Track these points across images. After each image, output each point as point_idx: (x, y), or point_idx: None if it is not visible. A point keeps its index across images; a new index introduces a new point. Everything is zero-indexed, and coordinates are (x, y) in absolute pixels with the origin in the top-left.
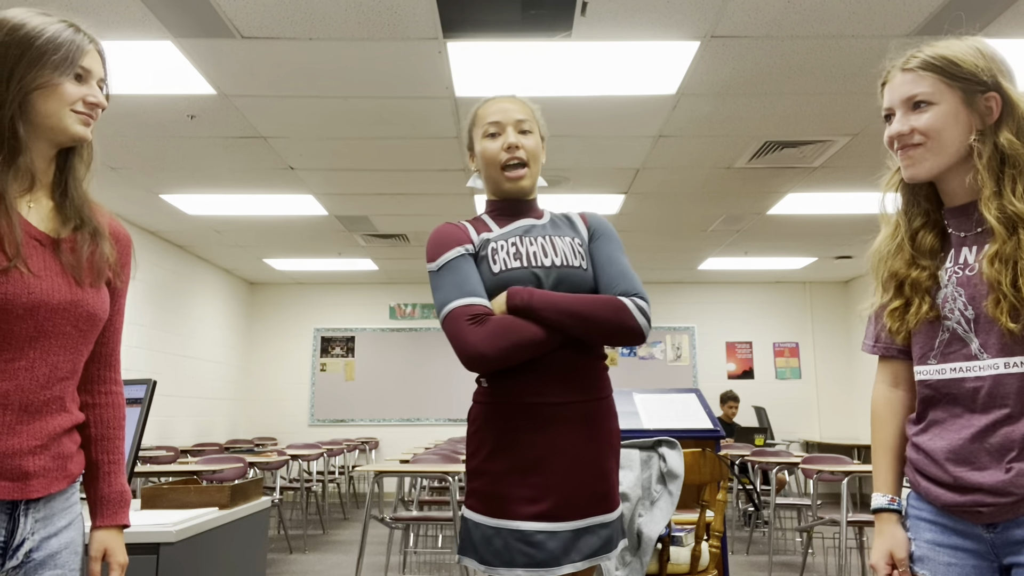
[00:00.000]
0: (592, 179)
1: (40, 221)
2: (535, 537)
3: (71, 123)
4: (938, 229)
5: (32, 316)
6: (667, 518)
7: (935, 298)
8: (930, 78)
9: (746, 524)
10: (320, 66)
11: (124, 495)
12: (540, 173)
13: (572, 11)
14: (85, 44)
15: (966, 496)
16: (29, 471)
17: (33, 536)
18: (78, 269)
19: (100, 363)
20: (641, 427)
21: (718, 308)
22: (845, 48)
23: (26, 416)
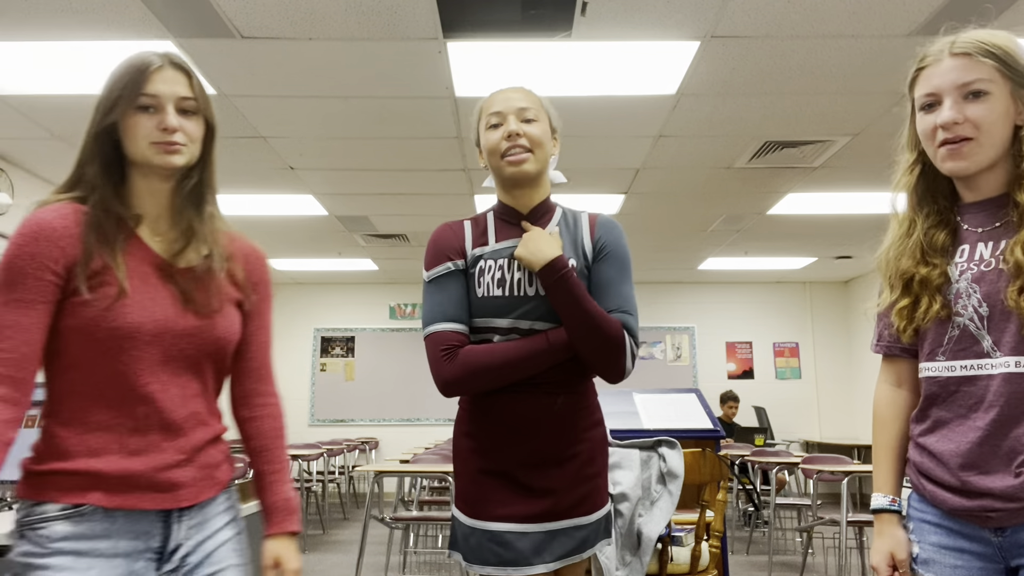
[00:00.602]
0: (592, 179)
1: (163, 249)
2: (504, 537)
3: (151, 156)
4: (950, 226)
5: (158, 342)
6: (667, 518)
7: (946, 295)
8: (988, 66)
9: (746, 524)
10: (320, 66)
11: (289, 503)
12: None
13: (572, 11)
14: (148, 68)
15: (975, 501)
16: (178, 482)
17: (188, 541)
18: (200, 295)
19: (252, 378)
20: (641, 427)
21: (718, 308)
22: (845, 48)
23: (168, 434)
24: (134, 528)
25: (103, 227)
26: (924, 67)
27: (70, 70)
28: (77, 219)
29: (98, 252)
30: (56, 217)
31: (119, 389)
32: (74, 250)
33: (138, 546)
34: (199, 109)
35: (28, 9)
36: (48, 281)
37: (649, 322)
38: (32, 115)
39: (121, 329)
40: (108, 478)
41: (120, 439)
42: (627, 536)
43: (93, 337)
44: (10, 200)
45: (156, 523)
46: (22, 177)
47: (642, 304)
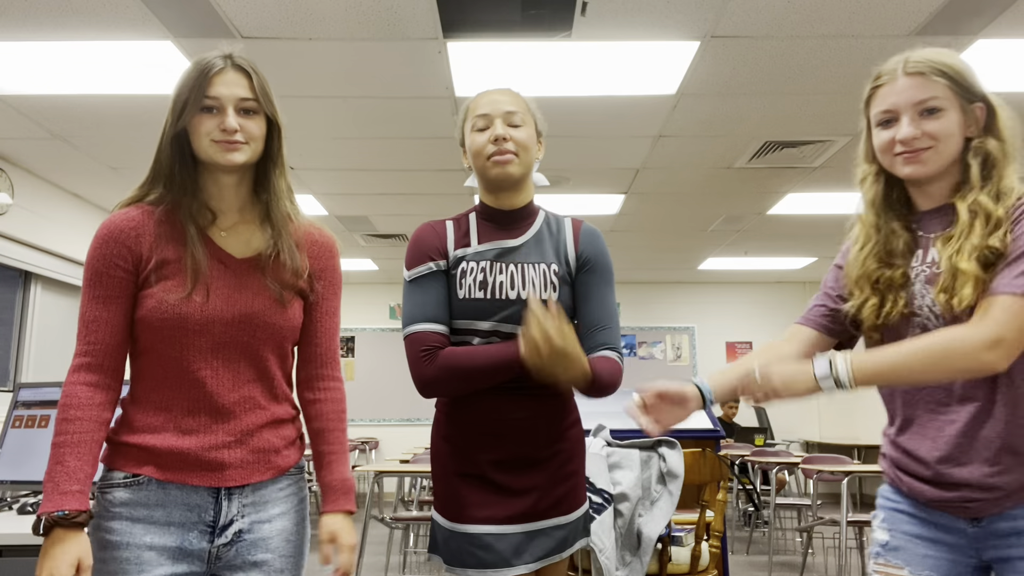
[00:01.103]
0: (592, 179)
1: (227, 242)
2: (484, 539)
3: (214, 154)
4: (909, 231)
5: (207, 331)
6: (667, 518)
7: (908, 294)
8: (941, 84)
9: (746, 524)
10: (320, 66)
11: (346, 483)
12: (540, 170)
13: (572, 11)
14: (210, 72)
15: (952, 492)
16: (225, 462)
17: (243, 519)
18: (259, 285)
19: (317, 362)
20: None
21: (718, 308)
22: (845, 48)
23: (218, 416)
24: (187, 501)
25: (166, 225)
26: (880, 85)
27: (70, 70)
28: (143, 219)
29: (159, 248)
30: (124, 219)
31: (176, 373)
32: (139, 248)
33: (191, 518)
34: (260, 108)
35: (28, 9)
36: (120, 278)
37: (649, 322)
38: (32, 115)
39: (172, 320)
40: (161, 453)
41: (175, 419)
42: (627, 536)
43: (152, 327)
44: (10, 200)
45: (208, 498)
46: (22, 177)
47: (642, 304)
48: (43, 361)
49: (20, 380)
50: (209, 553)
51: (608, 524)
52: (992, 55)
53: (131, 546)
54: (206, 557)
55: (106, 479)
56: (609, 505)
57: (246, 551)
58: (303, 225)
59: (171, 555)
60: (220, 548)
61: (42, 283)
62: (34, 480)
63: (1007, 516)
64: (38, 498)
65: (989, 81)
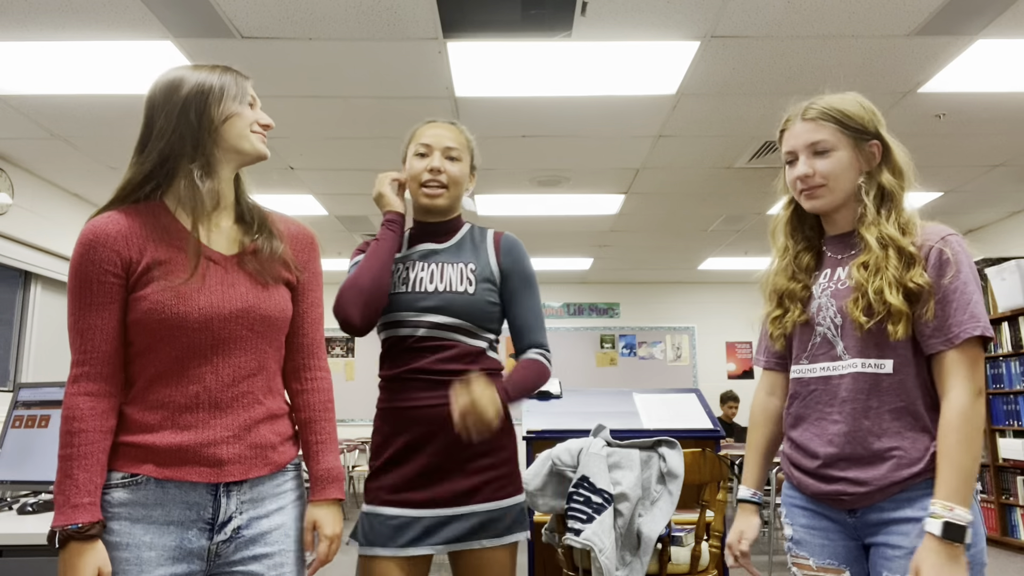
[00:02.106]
0: (592, 179)
1: (215, 239)
2: (393, 521)
3: (255, 141)
4: (815, 252)
5: (207, 328)
6: (667, 518)
7: (807, 306)
8: (829, 127)
9: None
10: (320, 66)
11: (332, 471)
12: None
13: (572, 11)
14: (243, 79)
15: (831, 486)
16: (224, 458)
17: (241, 515)
18: (249, 278)
19: (303, 353)
20: (641, 427)
21: (718, 308)
22: (845, 48)
23: (217, 412)
24: (185, 499)
25: (154, 226)
26: (785, 129)
27: (70, 70)
28: (129, 222)
29: (149, 250)
30: (109, 223)
31: (175, 371)
32: (128, 251)
33: (190, 515)
34: None
35: (28, 9)
36: (110, 283)
37: (649, 322)
38: (32, 115)
39: (171, 319)
40: (160, 451)
41: (173, 416)
42: (627, 536)
43: (150, 328)
44: (10, 200)
45: (206, 495)
46: (22, 177)
47: (642, 304)
48: (43, 361)
49: (20, 380)
50: (208, 551)
51: (608, 524)
52: (992, 55)
53: (131, 546)
54: (205, 555)
55: (106, 480)
56: (609, 505)
57: (245, 547)
58: (278, 218)
59: (171, 554)
60: (219, 545)
61: (42, 283)
62: (34, 480)
63: (876, 508)
64: (38, 498)
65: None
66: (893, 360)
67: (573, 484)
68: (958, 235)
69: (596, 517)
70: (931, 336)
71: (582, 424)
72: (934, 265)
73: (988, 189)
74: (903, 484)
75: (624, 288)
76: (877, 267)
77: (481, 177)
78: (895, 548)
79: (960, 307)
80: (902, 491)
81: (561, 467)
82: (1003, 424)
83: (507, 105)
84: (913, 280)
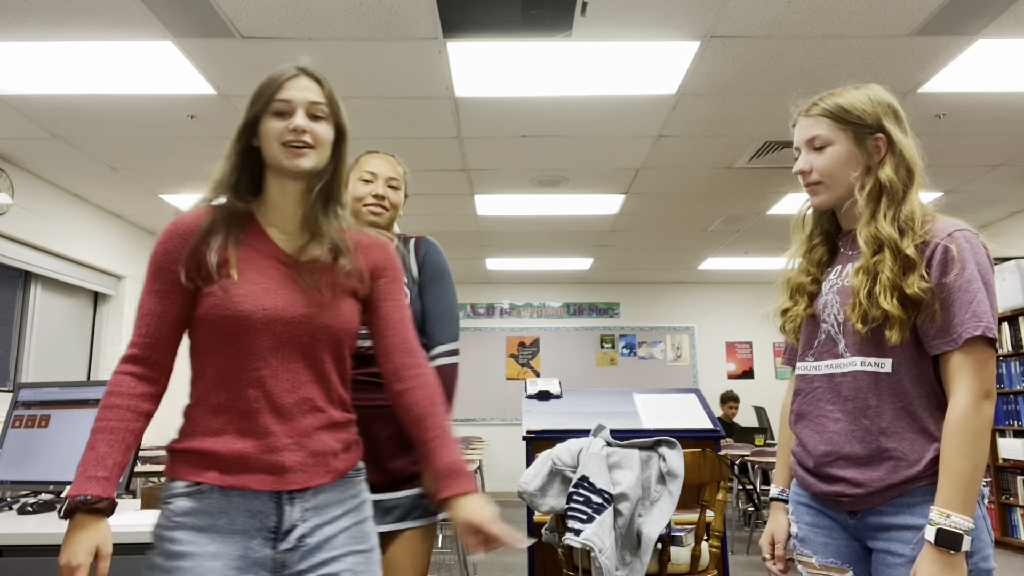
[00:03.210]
0: (592, 179)
1: (288, 244)
2: None
3: (283, 159)
4: (831, 245)
5: (268, 330)
6: (667, 518)
7: (814, 301)
8: (825, 123)
9: (746, 524)
10: (320, 66)
11: (452, 465)
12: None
13: (572, 11)
14: (282, 77)
15: (831, 486)
16: (286, 465)
17: (305, 523)
18: (316, 286)
19: (398, 352)
20: (641, 427)
21: (718, 308)
22: (845, 48)
23: (277, 417)
24: (249, 507)
25: (228, 225)
26: (793, 126)
27: (70, 70)
28: (210, 218)
29: (220, 248)
30: (191, 217)
31: (235, 373)
32: (200, 247)
33: (254, 524)
34: (329, 114)
35: (28, 9)
36: (173, 273)
37: (649, 322)
38: (32, 115)
39: (233, 317)
40: (223, 458)
41: (234, 421)
42: (627, 536)
43: (213, 325)
44: (10, 200)
45: (269, 503)
46: (22, 177)
47: (642, 304)
48: (43, 361)
49: (20, 380)
50: (274, 560)
51: (608, 524)
52: (992, 55)
53: (196, 556)
54: (270, 565)
55: (168, 489)
56: (609, 505)
57: (310, 555)
58: (355, 229)
59: (236, 564)
60: (284, 554)
61: (42, 283)
62: (34, 480)
63: (875, 511)
64: (38, 498)
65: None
66: (892, 360)
67: (573, 484)
68: (970, 231)
69: (596, 517)
70: (935, 337)
71: (582, 424)
72: (939, 263)
73: (988, 189)
74: (901, 487)
75: (624, 288)
76: (874, 271)
77: (481, 177)
78: (895, 556)
79: (962, 306)
80: (901, 495)
81: (561, 467)
82: (1003, 424)
83: (507, 105)
84: (910, 286)
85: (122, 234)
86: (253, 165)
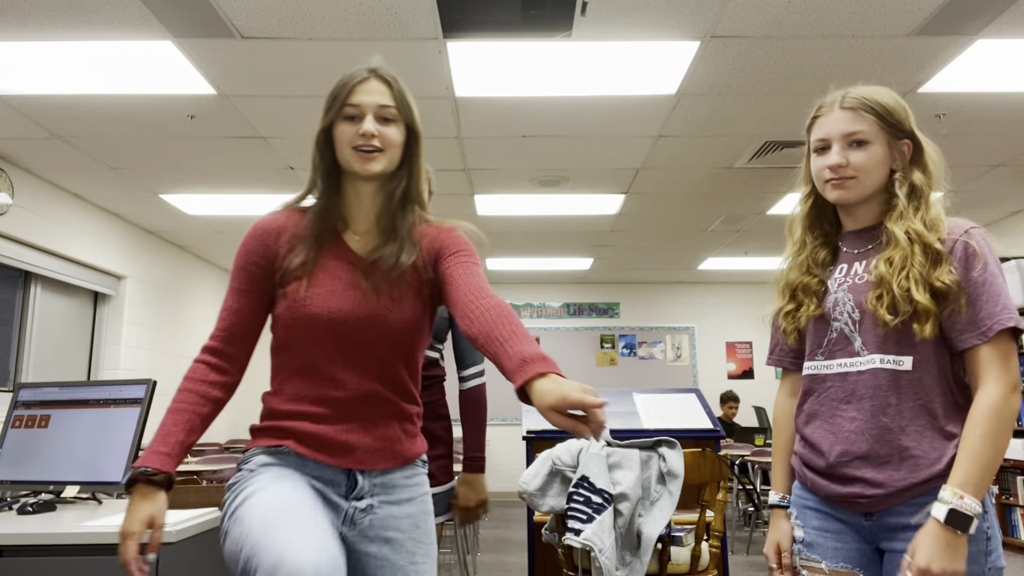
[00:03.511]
0: (592, 179)
1: (361, 247)
2: None
3: (352, 161)
4: (831, 247)
5: (334, 330)
6: (667, 518)
7: (823, 300)
8: (869, 120)
9: (746, 524)
10: (320, 66)
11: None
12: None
13: (572, 11)
14: (352, 81)
15: (847, 488)
16: (355, 446)
17: (373, 497)
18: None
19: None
20: (641, 427)
21: (718, 308)
22: (845, 48)
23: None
24: (322, 475)
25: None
26: (819, 116)
27: (70, 70)
28: (287, 221)
29: (297, 250)
30: (270, 220)
31: (307, 368)
32: (277, 248)
33: (327, 487)
34: (399, 116)
35: (28, 9)
36: (254, 274)
37: (649, 322)
38: (32, 115)
39: (303, 319)
40: (299, 433)
41: (307, 408)
42: (627, 536)
43: (285, 324)
44: (10, 200)
45: (341, 475)
46: (22, 177)
47: (642, 304)
48: (43, 361)
49: (20, 380)
50: (346, 513)
51: (608, 524)
52: (992, 55)
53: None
54: (343, 516)
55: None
56: (609, 505)
57: (379, 524)
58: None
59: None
60: (356, 512)
61: (42, 283)
62: (34, 480)
63: (894, 512)
64: (38, 498)
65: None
66: (912, 357)
67: (573, 484)
68: (981, 228)
69: (596, 517)
70: (963, 331)
71: None
72: (960, 259)
73: (988, 189)
74: (922, 487)
75: (624, 288)
76: (903, 264)
77: (481, 177)
78: None
79: (991, 299)
80: (921, 495)
81: (561, 467)
82: None
83: (507, 105)
84: (940, 279)
85: (122, 234)
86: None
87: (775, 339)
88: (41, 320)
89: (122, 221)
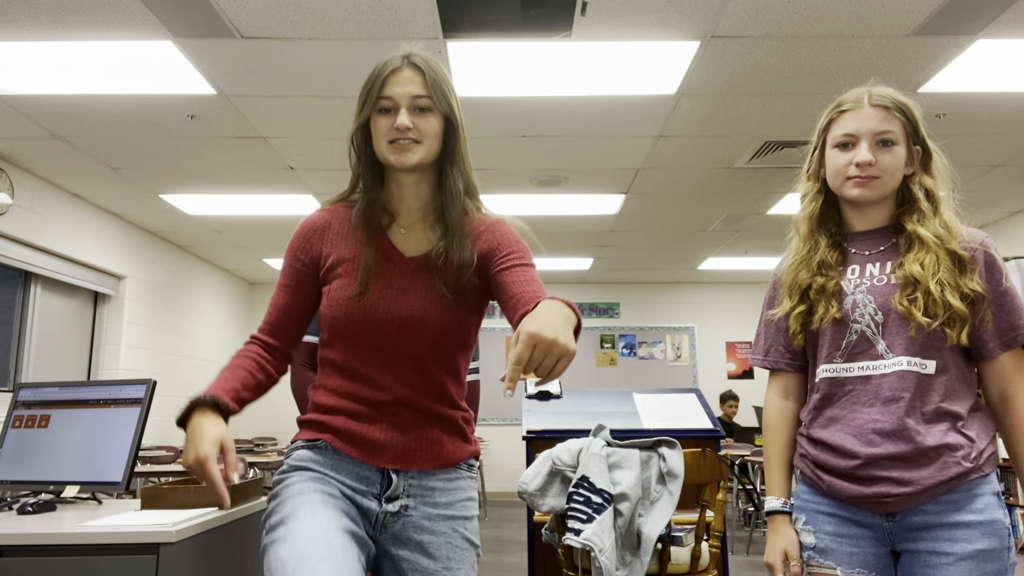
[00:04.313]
0: (592, 179)
1: (404, 243)
2: None
3: (387, 155)
4: (839, 248)
5: (369, 331)
6: (667, 518)
7: (841, 303)
8: (899, 121)
9: (746, 524)
10: (320, 66)
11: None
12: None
13: (572, 11)
14: (385, 72)
15: (872, 488)
16: (388, 446)
17: (409, 498)
18: (424, 286)
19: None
20: (641, 427)
21: (718, 308)
22: (845, 48)
23: (379, 408)
24: (357, 471)
25: (351, 224)
26: (845, 111)
27: (70, 70)
28: (332, 218)
29: (341, 247)
30: (316, 217)
31: (348, 366)
32: (320, 245)
33: (361, 487)
34: (434, 106)
35: (28, 9)
36: (299, 270)
37: (649, 322)
38: (32, 115)
39: (341, 317)
40: (336, 429)
41: (345, 405)
42: (627, 536)
43: (328, 322)
44: (10, 200)
45: (376, 473)
46: (22, 177)
47: (642, 304)
48: (43, 361)
49: (20, 380)
50: (376, 518)
51: (608, 524)
52: (992, 55)
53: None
54: (373, 520)
55: (291, 447)
56: (609, 505)
57: (412, 528)
58: (478, 217)
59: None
60: (387, 516)
61: (42, 283)
62: (34, 480)
63: (918, 511)
64: (39, 498)
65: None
66: (936, 361)
67: (573, 484)
68: (990, 238)
69: (596, 517)
70: (990, 340)
71: (582, 424)
72: (983, 268)
73: (988, 189)
74: (949, 484)
75: (624, 288)
76: (934, 268)
77: (481, 177)
78: (942, 555)
79: (1014, 310)
80: (948, 492)
81: (561, 467)
82: None
83: (507, 105)
84: (969, 287)
85: (122, 234)
86: (369, 161)
87: (769, 340)
88: (41, 320)
89: (122, 221)
